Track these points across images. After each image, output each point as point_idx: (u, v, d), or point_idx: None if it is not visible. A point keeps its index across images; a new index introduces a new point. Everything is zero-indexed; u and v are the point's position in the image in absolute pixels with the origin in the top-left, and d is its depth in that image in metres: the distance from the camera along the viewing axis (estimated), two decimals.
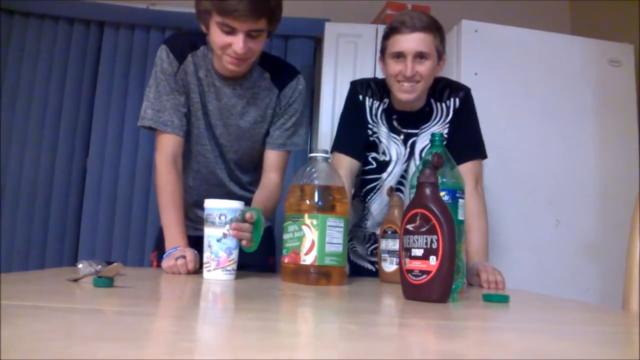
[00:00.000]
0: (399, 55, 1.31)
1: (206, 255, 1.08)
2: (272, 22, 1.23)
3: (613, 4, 2.65)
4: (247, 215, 1.11)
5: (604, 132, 2.35)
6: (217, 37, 1.21)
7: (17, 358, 0.33)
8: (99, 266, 0.95)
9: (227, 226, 1.07)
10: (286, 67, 1.44)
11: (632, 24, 2.48)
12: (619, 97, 2.39)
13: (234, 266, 1.09)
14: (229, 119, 1.37)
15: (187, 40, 1.36)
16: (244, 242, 1.10)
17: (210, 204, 1.09)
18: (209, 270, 1.07)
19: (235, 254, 1.09)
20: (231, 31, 1.19)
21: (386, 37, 1.35)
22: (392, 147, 1.42)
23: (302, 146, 1.46)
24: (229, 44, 1.20)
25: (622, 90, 2.40)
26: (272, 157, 1.42)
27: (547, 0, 3.01)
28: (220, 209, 1.08)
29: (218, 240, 1.07)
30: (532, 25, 2.44)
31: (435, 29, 1.32)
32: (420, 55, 1.30)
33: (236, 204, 1.10)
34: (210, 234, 1.08)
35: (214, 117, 1.37)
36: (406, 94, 1.33)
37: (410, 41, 1.29)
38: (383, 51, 1.38)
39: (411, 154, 1.42)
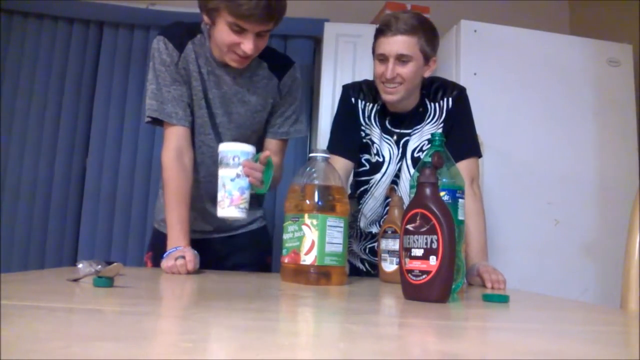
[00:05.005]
0: (382, 58, 1.33)
1: (220, 194, 1.14)
2: (278, 22, 1.24)
3: (612, 4, 2.66)
4: (263, 154, 1.17)
5: (603, 132, 2.35)
6: (225, 35, 1.20)
7: (17, 358, 0.33)
8: (99, 266, 0.95)
9: (240, 167, 1.14)
10: (281, 56, 1.45)
11: (631, 24, 2.48)
12: (618, 97, 2.39)
13: (246, 205, 1.15)
14: (230, 107, 1.37)
15: (184, 28, 1.34)
16: (254, 182, 1.15)
17: (224, 147, 1.16)
18: (222, 208, 1.13)
19: (247, 194, 1.15)
20: (240, 31, 1.19)
21: (375, 38, 1.37)
22: (384, 148, 1.43)
23: (304, 133, 1.49)
24: (238, 43, 1.21)
25: (621, 90, 2.40)
26: (273, 144, 1.42)
27: (547, 0, 3.02)
28: (233, 151, 1.15)
29: (232, 180, 1.14)
30: (532, 26, 2.44)
31: (420, 30, 1.31)
32: (401, 58, 1.31)
33: (249, 148, 1.17)
34: (224, 174, 1.14)
35: (215, 106, 1.36)
36: (389, 96, 1.35)
37: (392, 44, 1.31)
38: (373, 52, 1.40)
39: (403, 154, 1.42)
